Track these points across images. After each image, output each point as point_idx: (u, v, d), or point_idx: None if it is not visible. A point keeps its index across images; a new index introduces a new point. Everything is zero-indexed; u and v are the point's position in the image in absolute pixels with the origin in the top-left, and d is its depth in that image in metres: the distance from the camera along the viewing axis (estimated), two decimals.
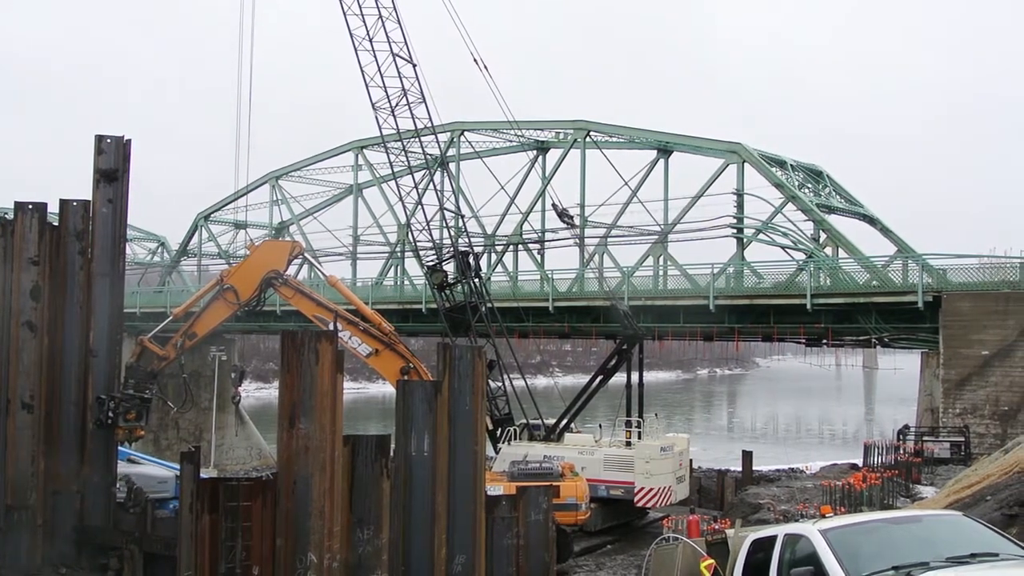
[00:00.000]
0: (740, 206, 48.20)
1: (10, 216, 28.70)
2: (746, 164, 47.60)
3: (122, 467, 30.99)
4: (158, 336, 34.13)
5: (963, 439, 35.23)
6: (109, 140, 30.07)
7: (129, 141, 30.21)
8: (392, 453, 18.71)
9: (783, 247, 47.16)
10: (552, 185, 53.92)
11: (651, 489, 32.50)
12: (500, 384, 36.01)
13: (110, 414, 29.35)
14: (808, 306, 41.41)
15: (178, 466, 20.97)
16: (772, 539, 10.24)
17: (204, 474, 17.88)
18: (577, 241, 52.87)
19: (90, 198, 29.41)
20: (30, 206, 28.66)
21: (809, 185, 49.02)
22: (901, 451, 35.53)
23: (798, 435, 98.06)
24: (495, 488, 24.60)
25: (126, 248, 32.81)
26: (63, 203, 29.39)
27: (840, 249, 45.06)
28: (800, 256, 45.98)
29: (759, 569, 10.15)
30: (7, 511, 27.24)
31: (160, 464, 34.09)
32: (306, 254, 40.59)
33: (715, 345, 68.30)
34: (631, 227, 52.20)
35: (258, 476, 19.79)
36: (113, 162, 29.82)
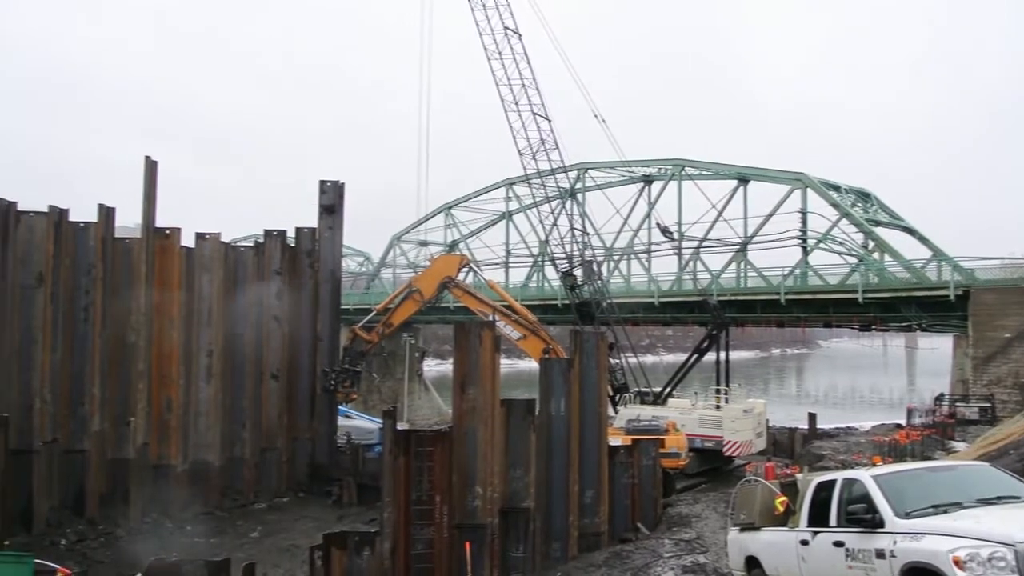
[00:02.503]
0: (804, 222, 46.85)
1: (261, 240, 30.07)
2: (808, 189, 46.28)
3: (341, 421, 32.07)
4: (365, 325, 35.15)
5: (989, 405, 33.44)
6: (329, 183, 31.17)
7: (343, 184, 31.26)
8: (537, 412, 18.85)
9: (839, 253, 45.67)
10: (656, 208, 53.58)
11: (736, 442, 31.73)
12: (618, 360, 35.75)
13: (332, 382, 30.43)
14: (860, 299, 40.18)
15: (381, 420, 21.60)
16: (833, 482, 9.93)
17: (399, 427, 18.29)
18: (676, 251, 52.26)
19: (316, 226, 30.60)
20: (275, 232, 29.96)
21: (859, 204, 47.15)
22: (937, 414, 33.85)
23: (853, 401, 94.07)
24: (615, 440, 24.40)
25: (341, 262, 33.98)
26: (298, 230, 30.64)
27: (886, 254, 43.42)
28: (853, 260, 44.43)
29: (822, 506, 9.87)
30: (262, 451, 28.54)
31: (368, 419, 35.10)
32: (471, 264, 41.23)
33: (785, 330, 66.16)
34: (718, 239, 51.17)
35: (438, 429, 20.10)
36: (332, 199, 30.90)
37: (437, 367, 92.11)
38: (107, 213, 25.51)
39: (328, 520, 25.13)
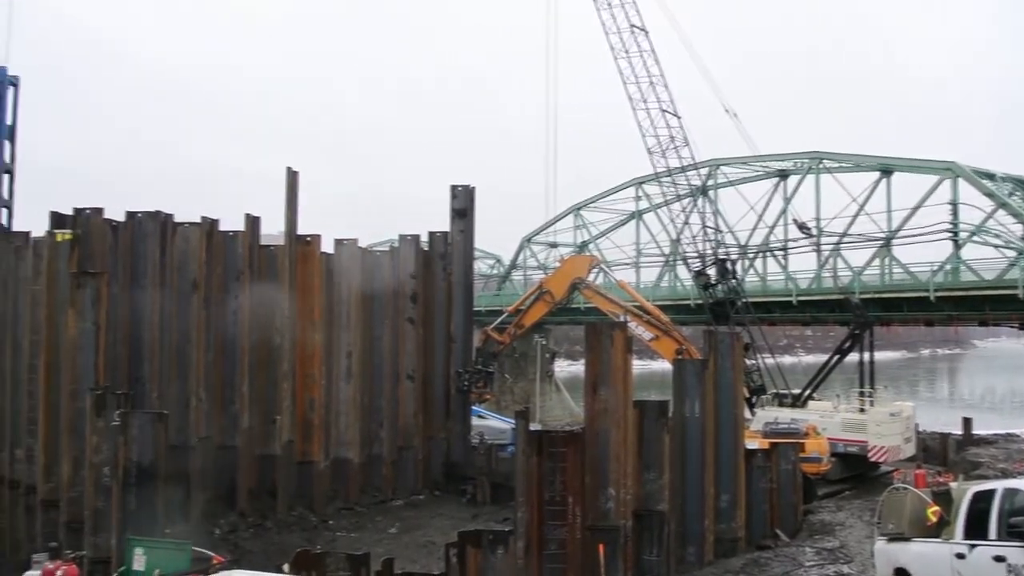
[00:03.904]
0: (955, 213, 44.03)
1: (396, 245, 30.96)
2: (959, 178, 43.51)
3: (475, 421, 32.58)
4: (498, 327, 35.58)
5: None
6: (460, 188, 31.75)
7: (474, 188, 31.78)
8: (670, 414, 18.58)
9: (995, 247, 42.59)
10: (792, 204, 51.79)
11: (882, 447, 30.26)
12: (754, 361, 34.81)
13: (466, 383, 30.95)
14: (1021, 295, 37.27)
15: (514, 421, 21.79)
16: (992, 492, 9.32)
17: (532, 427, 18.40)
18: (814, 248, 50.37)
19: (448, 230, 31.23)
20: (409, 237, 30.78)
21: (1018, 193, 43.87)
22: None
23: (1013, 405, 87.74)
24: (752, 443, 23.74)
25: (473, 264, 34.53)
26: (431, 234, 31.37)
27: None
28: (1012, 254, 41.34)
29: (980, 517, 9.27)
30: (399, 450, 29.36)
31: (501, 419, 35.51)
32: (602, 265, 41.10)
33: (935, 329, 62.50)
34: (859, 235, 48.85)
35: (571, 430, 20.15)
36: (463, 203, 31.46)
37: (568, 368, 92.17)
38: (253, 222, 26.91)
39: (463, 518, 25.59)
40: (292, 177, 26.89)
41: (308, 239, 27.99)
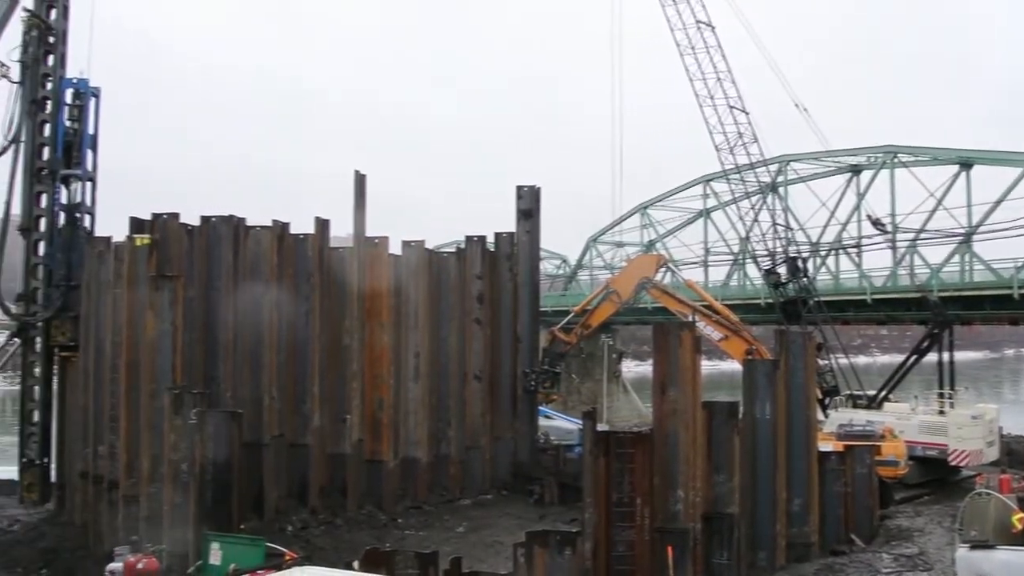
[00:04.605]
0: None
1: (462, 246, 31.16)
2: None
3: (542, 421, 32.57)
4: (564, 327, 35.50)
5: None
6: (526, 188, 31.80)
7: (539, 189, 31.79)
8: (741, 416, 18.30)
9: None
10: (866, 199, 50.48)
11: (964, 451, 29.29)
12: (827, 362, 34.08)
13: (533, 383, 30.99)
14: None
15: (581, 421, 21.71)
16: None
17: (599, 428, 18.33)
18: (889, 244, 48.99)
19: (514, 230, 31.31)
20: (475, 238, 30.95)
21: None
22: None
23: None
24: (825, 446, 23.20)
25: (539, 264, 34.53)
26: (497, 235, 31.48)
27: None
28: None
29: None
30: (466, 450, 29.54)
31: (568, 420, 35.42)
32: (669, 264, 40.67)
33: (1021, 328, 59.97)
34: (937, 230, 47.31)
35: (639, 431, 20.04)
36: (528, 204, 31.50)
37: (636, 368, 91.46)
38: (323, 225, 27.38)
39: (530, 518, 25.58)
40: (360, 180, 27.27)
41: (376, 241, 28.35)
